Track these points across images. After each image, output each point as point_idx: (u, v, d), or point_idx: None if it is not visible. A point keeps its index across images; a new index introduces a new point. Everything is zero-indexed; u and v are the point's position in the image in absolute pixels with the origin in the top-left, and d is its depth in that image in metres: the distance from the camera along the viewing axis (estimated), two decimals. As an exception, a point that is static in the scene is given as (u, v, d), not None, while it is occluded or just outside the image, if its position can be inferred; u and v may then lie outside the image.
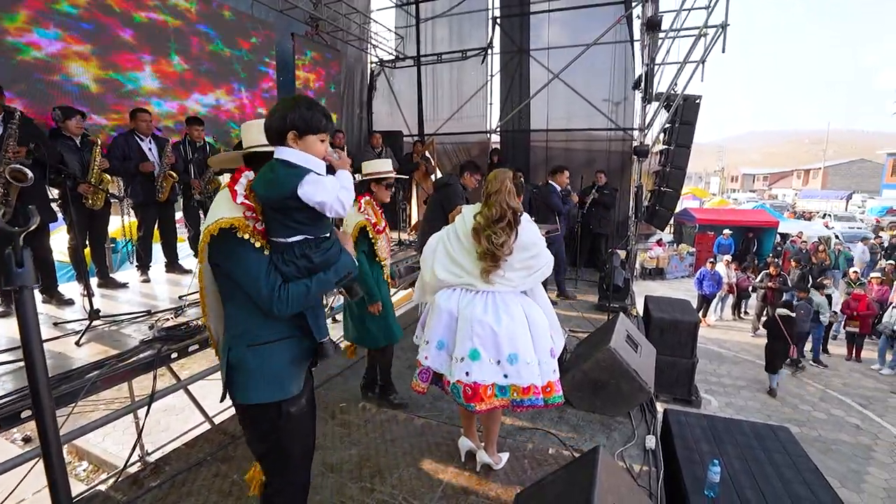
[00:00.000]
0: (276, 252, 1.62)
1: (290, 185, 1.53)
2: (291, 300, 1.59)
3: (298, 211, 1.58)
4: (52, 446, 1.23)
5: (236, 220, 1.57)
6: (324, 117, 1.64)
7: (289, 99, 1.65)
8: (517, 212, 2.29)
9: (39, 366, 1.21)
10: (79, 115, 4.14)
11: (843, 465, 5.73)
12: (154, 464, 2.85)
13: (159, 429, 5.96)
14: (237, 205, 1.60)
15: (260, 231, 1.61)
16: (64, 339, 3.27)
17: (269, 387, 1.66)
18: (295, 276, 1.61)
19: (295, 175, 1.55)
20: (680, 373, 5.91)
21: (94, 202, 4.26)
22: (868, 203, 31.86)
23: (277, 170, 1.58)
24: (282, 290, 1.57)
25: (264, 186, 1.58)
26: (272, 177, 1.57)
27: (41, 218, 3.71)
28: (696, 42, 6.65)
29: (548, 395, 2.31)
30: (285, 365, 1.69)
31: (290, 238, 1.61)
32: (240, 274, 1.59)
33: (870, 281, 9.86)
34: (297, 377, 1.73)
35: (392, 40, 9.89)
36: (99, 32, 4.73)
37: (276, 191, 1.55)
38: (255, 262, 1.58)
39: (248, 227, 1.58)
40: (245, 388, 1.67)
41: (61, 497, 1.26)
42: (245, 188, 1.64)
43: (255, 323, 1.65)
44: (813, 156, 60.20)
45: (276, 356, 1.67)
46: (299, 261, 1.61)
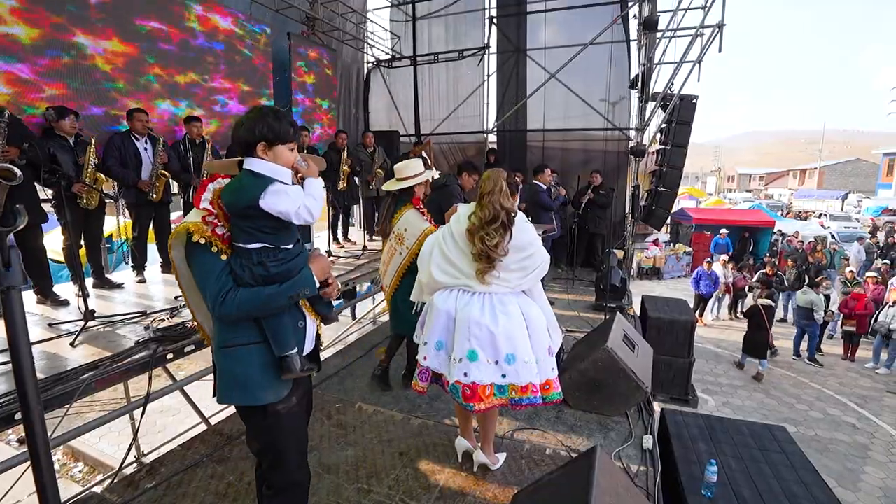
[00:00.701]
0: (235, 256, 1.64)
1: (252, 195, 1.57)
2: (236, 305, 1.58)
3: (260, 219, 1.61)
4: (40, 448, 1.22)
5: (193, 224, 1.60)
6: (291, 126, 1.68)
7: (255, 109, 1.67)
8: (511, 213, 2.27)
9: (27, 368, 1.19)
10: (72, 115, 4.11)
11: (839, 464, 5.74)
12: (150, 465, 2.83)
13: (155, 430, 5.93)
14: (199, 209, 1.64)
15: (219, 235, 1.62)
16: (59, 340, 3.26)
17: (239, 391, 1.69)
18: (248, 283, 1.62)
19: (258, 185, 1.59)
20: (677, 372, 5.92)
21: (88, 202, 4.24)
22: (864, 203, 32.00)
23: (244, 179, 1.63)
24: (229, 293, 1.58)
25: (229, 194, 1.62)
26: (237, 185, 1.62)
27: (32, 218, 3.71)
28: (693, 42, 6.65)
29: (546, 392, 2.31)
30: (257, 370, 1.68)
31: (249, 244, 1.63)
32: (195, 275, 1.64)
33: (866, 280, 9.90)
34: (272, 384, 1.71)
35: (388, 40, 9.88)
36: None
37: (239, 198, 1.60)
38: (208, 265, 1.60)
39: (204, 230, 1.60)
40: (219, 389, 1.72)
41: (49, 499, 1.25)
42: (213, 194, 1.67)
43: (223, 325, 1.68)
44: (809, 156, 60.36)
45: (245, 360, 1.67)
46: (255, 267, 1.62)
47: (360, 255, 6.42)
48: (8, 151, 3.39)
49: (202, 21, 5.89)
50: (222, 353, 1.69)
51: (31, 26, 4.14)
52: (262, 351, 1.69)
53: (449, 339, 2.37)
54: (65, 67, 4.43)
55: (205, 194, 1.67)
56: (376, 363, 3.90)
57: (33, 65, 4.19)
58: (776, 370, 8.57)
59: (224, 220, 1.65)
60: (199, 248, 1.59)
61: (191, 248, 1.61)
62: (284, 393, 1.74)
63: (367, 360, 4.38)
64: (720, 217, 17.70)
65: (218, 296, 1.57)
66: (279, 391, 1.72)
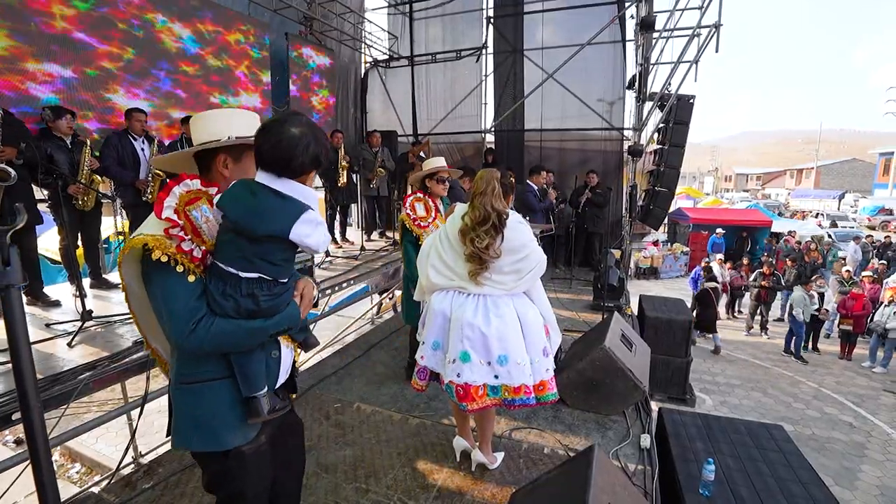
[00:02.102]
0: (216, 279, 1.36)
1: (282, 224, 1.34)
2: (211, 337, 1.33)
3: (277, 250, 1.38)
4: (40, 447, 1.22)
5: (152, 238, 1.31)
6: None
7: (305, 124, 1.40)
8: (502, 214, 2.22)
9: (27, 366, 1.19)
10: (69, 115, 4.11)
11: (836, 462, 5.76)
12: (147, 465, 2.83)
13: (153, 430, 5.91)
14: (161, 220, 1.35)
15: (185, 251, 1.34)
16: (56, 341, 3.25)
17: (198, 434, 1.43)
18: (227, 314, 1.35)
19: (289, 211, 1.35)
20: (674, 372, 5.95)
21: (84, 203, 4.23)
22: (860, 202, 32.12)
23: (265, 198, 1.35)
24: (202, 322, 1.32)
25: (242, 212, 1.34)
26: (255, 203, 1.33)
27: (29, 218, 3.68)
28: (690, 42, 6.68)
29: (540, 393, 2.31)
30: (222, 409, 1.43)
31: (243, 272, 1.35)
32: (154, 298, 1.37)
33: (862, 280, 9.94)
34: (240, 425, 1.47)
35: (386, 40, 9.87)
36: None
37: (261, 223, 1.33)
38: (171, 287, 1.33)
39: (167, 246, 1.32)
40: (176, 431, 1.46)
41: (49, 498, 1.25)
42: (179, 201, 1.38)
43: (184, 356, 1.43)
44: (806, 155, 60.53)
45: (207, 398, 1.43)
46: (243, 299, 1.35)
47: (357, 255, 6.42)
48: (4, 152, 3.39)
49: (198, 21, 5.89)
50: (181, 389, 1.43)
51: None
52: (228, 386, 1.44)
53: (445, 339, 2.37)
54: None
55: (168, 200, 1.37)
56: (377, 362, 3.93)
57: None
58: (774, 369, 8.60)
59: (193, 233, 1.37)
60: (161, 266, 1.31)
61: (149, 266, 1.33)
62: (253, 434, 1.50)
63: (365, 360, 4.38)
64: (717, 217, 17.75)
65: (187, 324, 1.31)
66: (247, 432, 1.48)
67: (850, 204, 33.81)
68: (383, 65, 10.04)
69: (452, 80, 9.74)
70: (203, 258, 1.38)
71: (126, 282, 1.45)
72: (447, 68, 9.68)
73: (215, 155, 1.51)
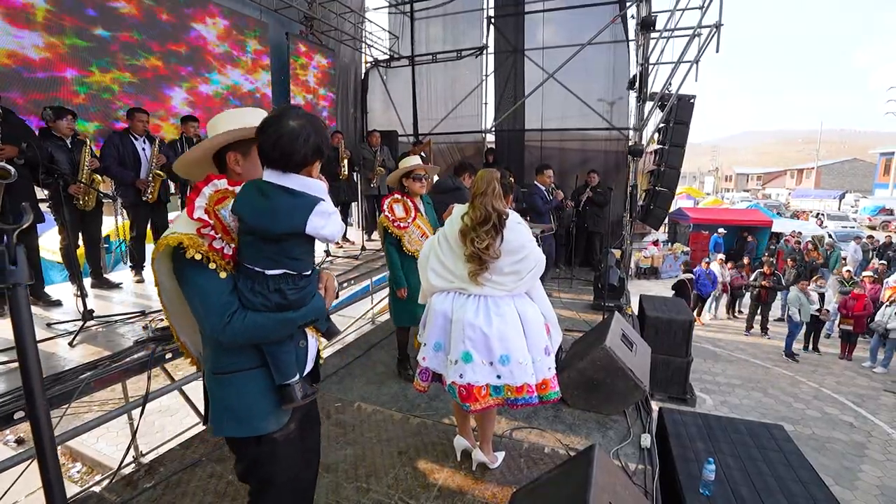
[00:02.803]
0: (244, 278, 1.42)
1: (295, 220, 1.36)
2: (245, 329, 1.39)
3: (295, 245, 1.42)
4: (47, 445, 1.23)
5: (186, 237, 1.36)
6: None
7: (301, 116, 1.40)
8: (502, 215, 2.24)
9: (33, 364, 1.19)
10: (70, 115, 4.12)
11: (836, 462, 5.76)
12: (149, 464, 2.83)
13: (154, 430, 5.92)
14: (193, 220, 1.40)
15: (217, 249, 1.39)
16: (57, 340, 3.25)
17: (235, 422, 1.49)
18: (258, 309, 1.42)
19: (303, 206, 1.37)
20: (675, 371, 5.95)
21: (85, 203, 4.24)
22: (861, 202, 32.11)
23: (276, 197, 1.36)
24: (236, 315, 1.38)
25: (256, 215, 1.36)
26: (268, 205, 1.35)
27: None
28: (690, 42, 6.67)
29: (542, 391, 2.31)
30: (256, 398, 1.50)
31: (268, 270, 1.40)
32: (189, 294, 1.43)
33: (862, 280, 9.94)
34: (273, 411, 1.52)
35: (386, 40, 9.88)
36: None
37: (276, 223, 1.36)
38: (206, 283, 1.38)
39: (200, 244, 1.37)
40: (213, 419, 1.53)
41: (56, 497, 1.25)
42: (209, 201, 1.43)
43: (218, 349, 1.47)
44: (806, 155, 60.52)
45: (242, 388, 1.49)
46: (271, 294, 1.41)
47: (358, 255, 6.42)
48: (4, 150, 3.39)
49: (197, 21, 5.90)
50: (215, 379, 1.50)
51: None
52: (262, 375, 1.50)
53: (446, 340, 2.38)
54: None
55: (199, 200, 1.42)
56: (377, 362, 3.95)
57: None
58: (774, 369, 8.60)
59: (223, 232, 1.42)
60: (195, 264, 1.36)
61: (183, 263, 1.37)
62: (286, 420, 1.56)
63: (365, 360, 4.38)
64: (718, 217, 17.74)
65: (222, 318, 1.37)
66: (280, 418, 1.54)
67: (851, 204, 33.79)
68: (384, 64, 10.05)
69: (453, 79, 9.75)
70: (233, 255, 1.43)
71: (158, 278, 1.50)
72: (448, 68, 9.69)
73: (225, 154, 1.54)
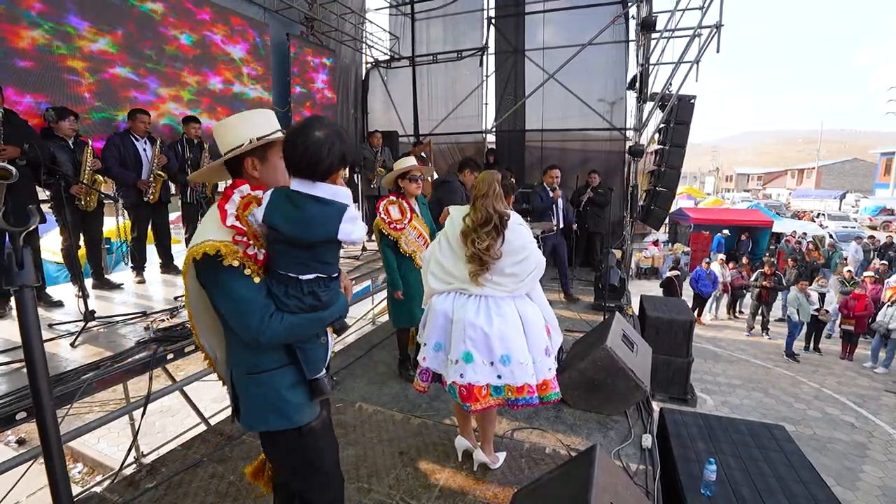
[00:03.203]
0: (278, 283, 1.47)
1: (329, 228, 1.42)
2: (283, 331, 1.45)
3: (326, 250, 1.48)
4: (53, 445, 1.23)
5: (223, 245, 1.40)
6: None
7: (326, 126, 1.46)
8: (504, 216, 2.26)
9: (40, 365, 1.20)
10: (72, 117, 4.13)
11: (838, 463, 5.76)
12: (150, 465, 2.83)
13: (155, 430, 5.93)
14: (227, 227, 1.44)
15: (251, 256, 1.44)
16: (59, 341, 3.26)
17: (274, 415, 1.55)
18: (294, 311, 1.48)
19: (334, 214, 1.43)
20: (676, 372, 5.94)
21: (87, 203, 4.24)
22: (861, 203, 32.08)
23: (307, 207, 1.42)
24: (273, 317, 1.43)
25: (290, 225, 1.41)
26: (301, 215, 1.41)
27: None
28: (691, 42, 6.67)
29: (543, 392, 2.32)
30: (291, 392, 1.56)
31: (302, 275, 1.46)
32: (224, 303, 1.45)
33: (863, 280, 9.93)
34: (306, 403, 1.59)
35: (387, 40, 9.88)
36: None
37: (312, 231, 1.42)
38: (243, 289, 1.43)
39: (236, 252, 1.42)
40: (250, 416, 1.59)
41: (62, 497, 1.26)
42: (238, 207, 1.47)
43: (254, 351, 1.53)
44: (807, 155, 60.49)
45: (279, 384, 1.55)
46: (305, 297, 1.48)
47: (359, 255, 6.42)
48: (6, 150, 3.39)
49: (197, 21, 5.90)
50: (251, 379, 1.55)
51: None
52: (293, 371, 1.57)
53: (447, 340, 2.39)
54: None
55: (229, 206, 1.46)
56: (378, 362, 3.97)
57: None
58: (775, 370, 8.60)
59: (254, 238, 1.47)
60: (231, 271, 1.41)
61: (218, 270, 1.41)
62: (318, 409, 1.64)
63: (367, 360, 4.38)
64: (718, 217, 17.73)
65: (261, 321, 1.41)
66: (314, 408, 1.62)
67: (852, 204, 33.77)
68: (384, 65, 10.05)
69: (453, 80, 9.75)
70: (264, 260, 1.48)
71: (189, 284, 1.54)
72: (448, 69, 9.69)
73: (243, 159, 1.57)
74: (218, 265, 1.40)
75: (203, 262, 1.42)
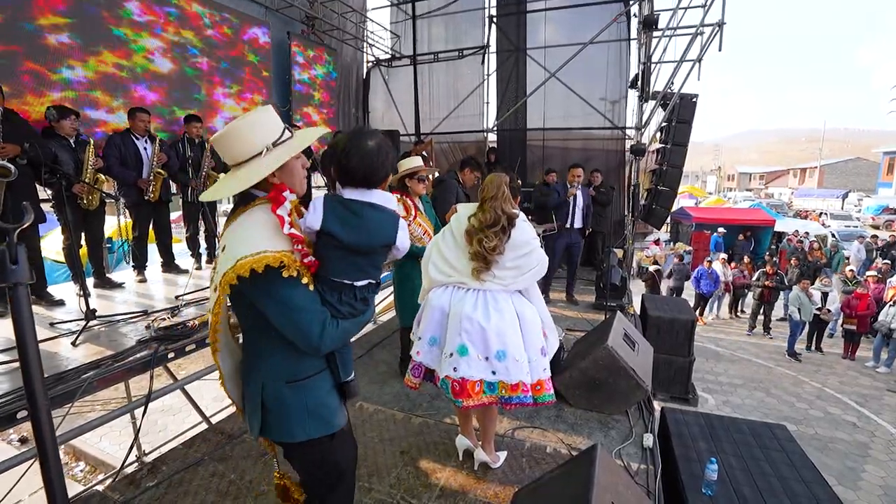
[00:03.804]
0: (331, 290, 1.46)
1: (391, 232, 1.48)
2: (338, 336, 1.48)
3: (381, 255, 1.51)
4: (48, 444, 1.22)
5: (285, 255, 1.37)
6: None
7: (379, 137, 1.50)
8: (512, 218, 2.30)
9: (34, 363, 1.20)
10: (73, 115, 4.13)
11: (839, 462, 5.75)
12: (151, 463, 2.84)
13: (156, 429, 5.94)
14: (284, 235, 1.39)
15: (307, 265, 1.43)
16: (60, 340, 3.27)
17: (314, 422, 1.55)
18: (346, 317, 1.50)
19: (391, 220, 1.49)
20: (677, 371, 5.93)
21: (89, 202, 4.25)
22: (864, 202, 32.00)
23: (369, 215, 1.47)
24: (330, 325, 1.44)
25: (352, 232, 1.44)
26: (363, 223, 1.45)
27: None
28: (693, 41, 6.65)
29: (537, 393, 2.31)
30: (326, 398, 1.59)
31: (357, 282, 1.49)
32: (283, 313, 1.41)
33: (866, 279, 9.91)
34: (340, 407, 1.63)
35: (388, 39, 9.88)
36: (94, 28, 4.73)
37: (375, 237, 1.46)
38: (303, 299, 1.41)
39: (295, 261, 1.39)
40: (290, 427, 1.55)
41: (57, 496, 1.25)
42: (289, 213, 1.43)
43: (295, 358, 1.52)
44: (809, 154, 60.40)
45: (318, 390, 1.57)
46: (357, 303, 1.50)
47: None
48: (5, 149, 3.39)
49: (196, 20, 5.90)
50: (290, 388, 1.52)
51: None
52: (327, 377, 1.59)
53: (442, 334, 2.38)
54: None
55: (281, 211, 1.40)
56: (379, 361, 3.98)
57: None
58: (776, 369, 8.58)
59: (307, 245, 1.46)
60: (290, 281, 1.38)
61: (278, 282, 1.37)
62: (346, 412, 1.69)
63: (367, 359, 4.38)
64: (720, 216, 17.69)
65: (321, 328, 1.42)
66: (344, 412, 1.66)
67: (854, 203, 33.68)
68: (385, 64, 10.05)
69: (455, 79, 9.75)
70: (313, 266, 1.47)
71: (224, 296, 1.42)
72: (449, 67, 9.68)
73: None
74: (278, 276, 1.36)
75: (262, 275, 1.34)
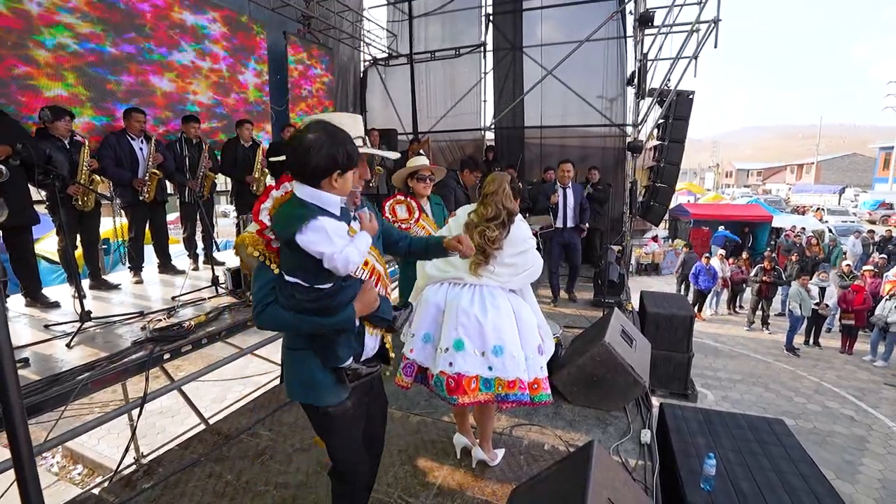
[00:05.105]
0: (277, 278, 1.58)
1: (292, 228, 1.42)
2: (270, 320, 1.58)
3: (301, 255, 1.46)
4: (23, 450, 1.21)
5: (249, 236, 1.62)
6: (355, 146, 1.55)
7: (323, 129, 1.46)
8: (512, 213, 2.35)
9: (8, 363, 1.17)
10: (67, 116, 4.10)
11: (837, 456, 5.76)
12: (147, 465, 2.82)
13: (155, 432, 5.93)
14: (255, 222, 1.62)
15: (273, 249, 1.59)
16: (55, 342, 3.25)
17: (302, 389, 1.71)
18: (283, 306, 1.55)
19: (300, 217, 1.42)
20: (676, 367, 5.93)
21: (84, 203, 4.23)
22: (861, 197, 32.09)
23: (287, 206, 1.52)
24: (267, 307, 1.56)
25: (275, 220, 1.53)
26: (287, 213, 1.49)
27: (23, 219, 3.67)
28: (689, 37, 6.66)
29: (534, 392, 2.28)
30: (315, 373, 1.67)
31: (286, 276, 1.53)
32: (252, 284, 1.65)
33: (863, 274, 9.93)
34: (331, 387, 1.68)
35: (385, 38, 9.86)
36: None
37: (283, 229, 1.46)
38: (258, 276, 1.61)
39: (258, 243, 1.59)
40: (288, 384, 1.78)
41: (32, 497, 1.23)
42: (274, 204, 1.62)
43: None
44: (806, 150, 60.51)
45: (304, 363, 1.68)
46: (289, 300, 1.54)
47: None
48: None
49: (196, 20, 5.88)
50: (288, 353, 1.73)
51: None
52: (311, 356, 1.67)
53: (437, 331, 2.36)
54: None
55: (266, 203, 1.63)
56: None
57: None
58: (775, 364, 8.59)
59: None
60: (254, 258, 1.61)
61: (247, 255, 1.62)
62: (343, 396, 1.72)
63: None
64: (718, 213, 17.72)
65: (257, 306, 1.57)
66: (339, 394, 1.70)
67: (851, 198, 33.76)
68: (382, 63, 10.03)
69: (452, 77, 9.74)
70: (277, 252, 1.60)
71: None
72: (446, 66, 9.68)
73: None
74: (245, 251, 1.61)
75: (241, 249, 1.64)
